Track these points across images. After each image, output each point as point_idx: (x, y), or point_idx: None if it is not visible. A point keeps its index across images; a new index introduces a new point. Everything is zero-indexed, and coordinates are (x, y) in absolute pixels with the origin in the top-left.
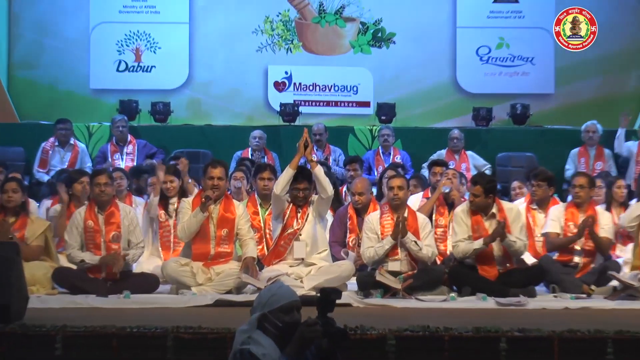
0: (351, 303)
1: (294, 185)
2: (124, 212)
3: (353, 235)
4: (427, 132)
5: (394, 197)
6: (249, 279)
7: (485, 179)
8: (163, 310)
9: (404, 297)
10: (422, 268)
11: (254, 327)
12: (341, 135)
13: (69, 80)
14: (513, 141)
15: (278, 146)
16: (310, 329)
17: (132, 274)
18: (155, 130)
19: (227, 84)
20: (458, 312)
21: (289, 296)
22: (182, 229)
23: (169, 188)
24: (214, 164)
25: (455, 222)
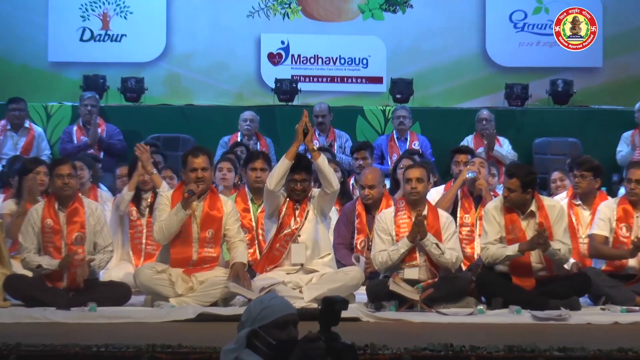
0: (360, 317)
1: (291, 176)
2: (89, 209)
3: (362, 236)
4: (450, 114)
5: (412, 191)
6: (239, 288)
7: (524, 170)
8: (136, 325)
9: (423, 310)
10: (444, 275)
11: (242, 345)
12: (348, 117)
13: (23, 51)
14: (553, 124)
15: (273, 130)
16: (312, 345)
17: (98, 283)
18: (125, 112)
19: (212, 56)
20: (487, 328)
21: (284, 309)
22: (160, 229)
23: (145, 180)
24: (195, 153)
25: (486, 220)
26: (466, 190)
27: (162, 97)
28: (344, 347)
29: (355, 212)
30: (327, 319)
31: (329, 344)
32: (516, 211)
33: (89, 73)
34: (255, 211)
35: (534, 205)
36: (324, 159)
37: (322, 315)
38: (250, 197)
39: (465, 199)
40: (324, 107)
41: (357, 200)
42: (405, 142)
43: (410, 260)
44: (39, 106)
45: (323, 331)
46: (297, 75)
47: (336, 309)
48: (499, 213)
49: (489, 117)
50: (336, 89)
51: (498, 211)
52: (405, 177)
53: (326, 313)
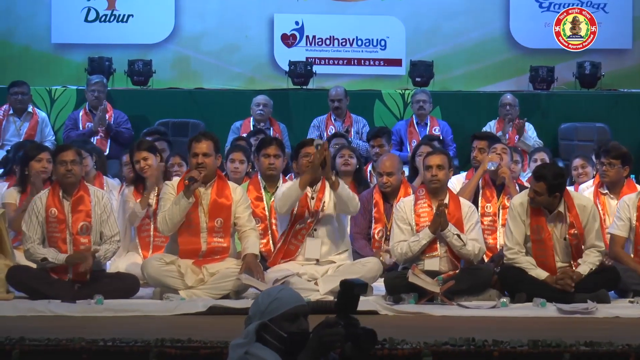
0: (378, 310)
1: (303, 151)
2: (95, 197)
3: (379, 226)
4: (472, 98)
5: (432, 179)
6: (251, 280)
7: (552, 173)
8: (144, 319)
9: (444, 302)
10: (466, 267)
11: (251, 339)
12: (365, 102)
13: (25, 33)
14: (580, 109)
15: (286, 115)
16: (330, 331)
17: (105, 275)
18: (132, 96)
19: (222, 38)
20: (510, 322)
21: (294, 300)
22: (163, 219)
23: (143, 168)
24: (198, 138)
25: (510, 217)
26: (488, 178)
27: (171, 80)
28: (365, 332)
29: (373, 200)
30: (346, 304)
31: (347, 330)
32: (543, 211)
33: (94, 55)
34: (268, 200)
35: (562, 205)
36: (344, 187)
37: (340, 300)
38: (263, 185)
39: (487, 187)
40: (340, 91)
41: (374, 188)
42: (425, 127)
43: (431, 251)
44: (42, 90)
45: (341, 316)
46: (312, 58)
47: (355, 292)
48: (524, 211)
49: (513, 102)
50: (353, 72)
51: (523, 209)
52: (425, 164)
53: (344, 297)
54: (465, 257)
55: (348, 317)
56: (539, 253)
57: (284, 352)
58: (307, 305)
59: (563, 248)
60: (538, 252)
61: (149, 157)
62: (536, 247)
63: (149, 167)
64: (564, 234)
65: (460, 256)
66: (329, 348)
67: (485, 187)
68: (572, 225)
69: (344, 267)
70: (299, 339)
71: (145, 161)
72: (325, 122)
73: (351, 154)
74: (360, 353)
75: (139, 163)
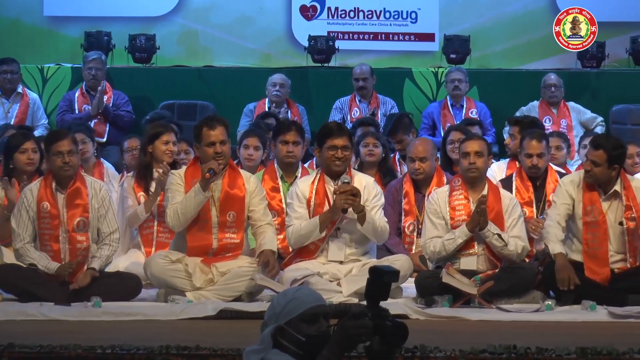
0: (408, 314)
1: (329, 141)
2: (93, 189)
3: (410, 219)
4: (513, 77)
5: (470, 167)
6: (266, 281)
7: (612, 142)
8: (147, 323)
9: (481, 305)
10: (506, 266)
11: (268, 345)
12: (394, 81)
13: (15, 3)
14: (634, 89)
15: (306, 96)
16: (356, 323)
17: (104, 274)
18: (134, 74)
19: (234, 10)
20: (556, 327)
21: (312, 300)
22: (175, 214)
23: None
24: (210, 123)
25: (557, 194)
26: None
27: (177, 57)
28: (395, 325)
29: (403, 190)
30: (374, 293)
31: (376, 322)
32: (597, 190)
33: (92, 29)
34: (285, 191)
35: (618, 184)
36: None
37: (368, 288)
38: (280, 174)
39: (522, 182)
40: (365, 69)
41: (404, 176)
42: (461, 110)
43: (467, 249)
44: (33, 68)
45: (370, 307)
46: (335, 32)
47: (385, 280)
48: (575, 188)
49: (558, 82)
50: (380, 48)
51: (575, 186)
52: (462, 151)
53: (373, 285)
54: (507, 258)
55: (377, 307)
56: (590, 238)
57: (303, 358)
58: (327, 305)
59: (618, 235)
60: (589, 238)
61: (175, 143)
62: (587, 232)
63: (171, 153)
64: (619, 218)
65: (501, 257)
66: (355, 342)
67: (520, 181)
68: (630, 208)
69: (369, 266)
70: (318, 343)
71: (170, 146)
72: (349, 104)
73: (376, 143)
74: (388, 348)
75: (168, 144)
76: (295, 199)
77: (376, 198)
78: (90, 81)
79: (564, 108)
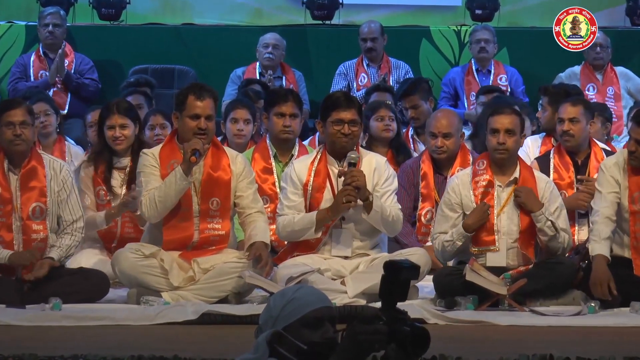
0: (425, 318)
1: (334, 114)
2: (52, 169)
3: (428, 205)
4: (550, 37)
5: (499, 148)
6: (257, 279)
7: None
8: (116, 329)
9: (512, 308)
10: (541, 261)
11: (263, 354)
12: (409, 42)
13: None
14: None
15: (304, 60)
16: (369, 329)
17: (64, 272)
18: (100, 34)
19: None
20: (600, 333)
21: (315, 300)
22: (151, 202)
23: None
24: (199, 92)
25: (600, 182)
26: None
27: (150, 13)
28: (414, 331)
29: (420, 171)
30: (390, 292)
31: (392, 327)
32: None
33: None
34: (279, 172)
35: None
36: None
37: (383, 287)
38: (274, 152)
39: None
40: (374, 27)
41: (422, 155)
42: (488, 75)
43: (486, 245)
44: None
45: (385, 309)
46: None
47: (402, 277)
48: (620, 171)
49: (604, 42)
50: (392, 2)
51: (620, 169)
52: (490, 127)
53: (389, 283)
54: (551, 251)
55: (394, 310)
56: (639, 230)
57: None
58: (333, 306)
59: None
60: (638, 230)
61: (128, 125)
62: (636, 223)
63: (125, 138)
64: None
65: (547, 250)
66: (367, 350)
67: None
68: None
69: (379, 262)
70: (322, 351)
71: (123, 130)
72: (355, 69)
73: (392, 116)
74: (406, 358)
75: (113, 129)
76: (290, 183)
77: (387, 182)
78: (48, 41)
79: (611, 73)
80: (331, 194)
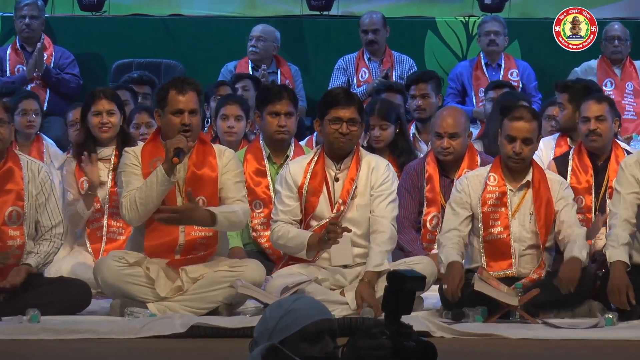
0: (431, 331)
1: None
2: (30, 171)
3: (433, 210)
4: None
5: (514, 157)
6: (250, 289)
7: None
8: (98, 343)
9: (524, 320)
10: (555, 270)
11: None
12: (413, 34)
13: None
14: None
15: (300, 53)
16: (372, 343)
17: (43, 281)
18: (81, 26)
19: None
20: (618, 347)
21: (315, 312)
22: (132, 204)
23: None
24: (180, 86)
25: (619, 181)
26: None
27: (135, 4)
28: (420, 346)
29: (425, 173)
30: (394, 305)
31: (396, 342)
32: None
33: None
34: (274, 175)
35: None
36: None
37: (387, 299)
38: (267, 153)
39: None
40: (376, 18)
41: (427, 156)
42: (499, 70)
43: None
44: None
45: (388, 322)
46: None
47: (408, 288)
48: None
49: (623, 34)
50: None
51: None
52: (507, 133)
53: (393, 295)
54: None
55: (398, 323)
56: None
57: None
58: (334, 319)
59: None
60: None
61: (115, 112)
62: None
63: (112, 126)
64: None
65: None
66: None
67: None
68: None
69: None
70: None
71: (110, 116)
72: (356, 63)
73: (384, 124)
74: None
75: (100, 115)
76: (285, 187)
77: (385, 185)
78: (25, 34)
79: (630, 67)
80: (327, 198)
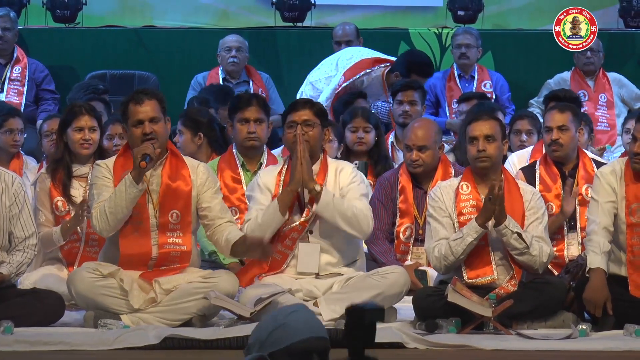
0: (404, 342)
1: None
2: (3, 182)
3: (407, 221)
4: (537, 40)
5: (479, 156)
6: (224, 300)
7: None
8: (72, 355)
9: (498, 331)
10: (529, 281)
11: None
12: (386, 45)
13: None
14: None
15: (274, 64)
16: None
17: (16, 292)
18: (55, 38)
19: None
20: (591, 358)
21: (306, 330)
22: (102, 214)
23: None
24: (137, 97)
25: (596, 190)
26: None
27: (108, 15)
28: None
29: (398, 185)
30: (356, 338)
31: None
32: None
33: None
34: (248, 181)
35: None
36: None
37: (348, 333)
38: (241, 161)
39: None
40: (349, 29)
41: (400, 168)
42: (472, 81)
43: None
44: None
45: (353, 356)
46: None
47: (367, 321)
48: (617, 180)
49: (596, 46)
50: (368, 3)
51: (617, 178)
52: (469, 135)
53: (353, 329)
54: (527, 266)
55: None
56: (637, 244)
57: None
58: (327, 338)
59: None
60: (635, 244)
61: (97, 129)
62: (633, 236)
63: (93, 142)
64: None
65: (520, 264)
66: None
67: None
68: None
69: (355, 281)
70: None
71: (92, 133)
72: None
73: (369, 127)
74: None
75: (82, 132)
76: (258, 190)
77: (353, 184)
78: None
79: (603, 79)
80: (297, 204)
